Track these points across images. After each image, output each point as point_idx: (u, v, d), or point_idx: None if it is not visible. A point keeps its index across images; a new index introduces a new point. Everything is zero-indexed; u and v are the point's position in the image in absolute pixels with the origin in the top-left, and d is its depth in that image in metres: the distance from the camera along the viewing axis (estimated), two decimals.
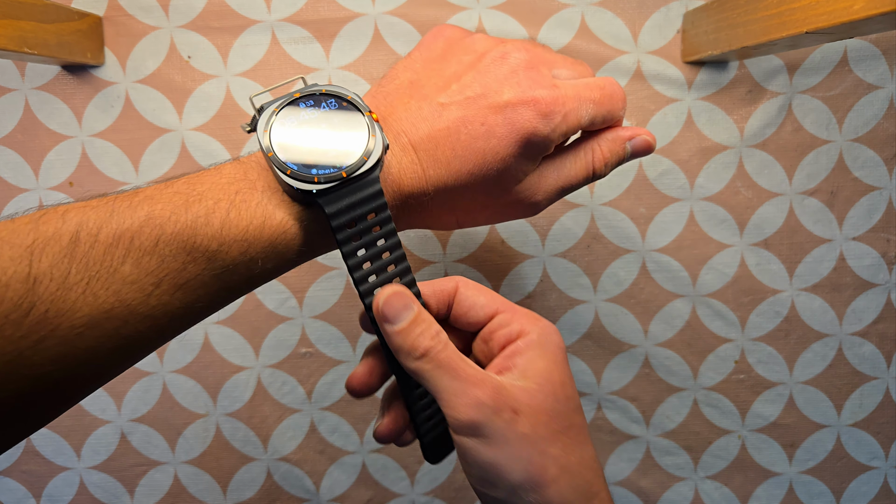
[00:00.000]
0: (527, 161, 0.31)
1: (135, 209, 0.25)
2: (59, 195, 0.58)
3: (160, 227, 0.25)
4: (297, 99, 0.29)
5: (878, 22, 0.35)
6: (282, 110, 0.29)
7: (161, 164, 0.58)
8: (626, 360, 0.60)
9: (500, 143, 0.30)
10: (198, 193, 0.27)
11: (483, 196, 0.31)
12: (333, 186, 0.27)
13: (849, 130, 0.58)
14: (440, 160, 0.29)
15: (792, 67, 0.57)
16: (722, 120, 0.58)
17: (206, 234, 0.26)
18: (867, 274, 0.59)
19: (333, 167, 0.28)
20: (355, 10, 0.57)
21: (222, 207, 0.27)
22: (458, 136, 0.30)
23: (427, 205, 0.31)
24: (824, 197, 0.58)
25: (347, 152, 0.28)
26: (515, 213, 0.34)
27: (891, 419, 0.61)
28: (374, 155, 0.28)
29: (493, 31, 0.57)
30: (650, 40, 0.57)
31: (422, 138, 0.30)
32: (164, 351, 0.60)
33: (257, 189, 0.28)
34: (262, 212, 0.27)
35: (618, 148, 0.34)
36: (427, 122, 0.30)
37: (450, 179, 0.30)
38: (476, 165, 0.29)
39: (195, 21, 0.57)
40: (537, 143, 0.30)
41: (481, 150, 0.29)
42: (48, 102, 0.58)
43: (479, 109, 0.30)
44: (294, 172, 0.27)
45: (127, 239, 0.24)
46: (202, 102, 0.57)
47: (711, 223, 0.58)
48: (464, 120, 0.30)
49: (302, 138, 0.28)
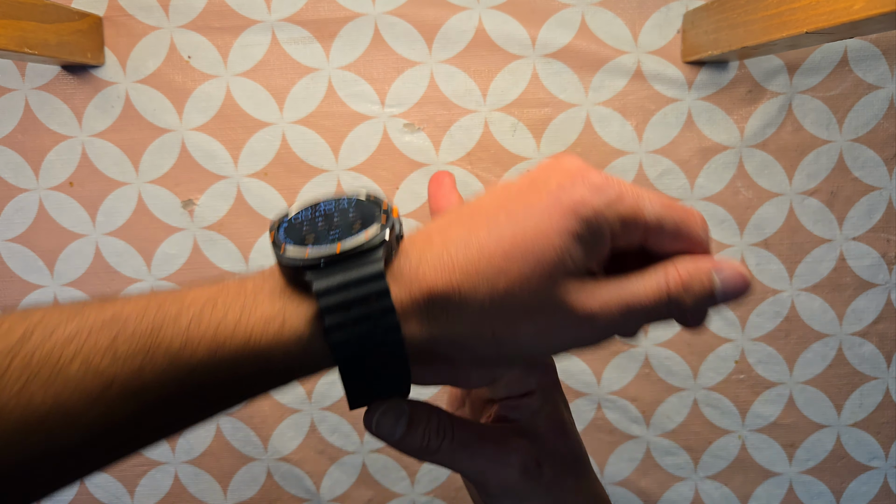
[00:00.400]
0: (577, 244, 0.25)
1: (104, 309, 0.23)
2: (59, 195, 0.58)
3: (122, 323, 0.22)
4: (318, 202, 0.27)
5: (879, 22, 0.35)
6: (299, 209, 0.27)
7: (161, 164, 0.58)
8: (626, 360, 0.60)
9: (544, 216, 0.25)
10: (179, 297, 0.24)
11: (524, 290, 0.25)
12: (326, 263, 0.24)
13: (849, 130, 0.58)
14: (473, 245, 0.25)
15: (792, 67, 0.57)
16: (722, 120, 0.58)
17: (170, 330, 0.22)
18: (867, 274, 0.59)
19: (330, 244, 0.25)
20: (355, 10, 0.57)
21: (197, 305, 0.23)
22: (496, 218, 0.26)
23: (454, 307, 0.25)
24: (824, 197, 0.58)
25: (350, 235, 0.25)
26: (566, 325, 0.26)
27: (891, 419, 0.61)
28: (380, 236, 0.25)
29: (493, 31, 0.57)
30: (650, 40, 0.57)
31: (457, 234, 0.26)
32: None
33: (247, 288, 0.24)
34: (241, 304, 0.24)
35: (701, 275, 0.27)
36: (464, 221, 0.26)
37: (482, 265, 0.25)
38: (515, 245, 0.25)
39: (195, 21, 0.57)
40: (588, 217, 0.25)
41: (522, 227, 0.25)
42: (48, 102, 0.57)
43: (520, 195, 0.26)
44: (288, 248, 0.25)
45: (82, 336, 0.22)
46: (202, 102, 0.57)
47: (712, 223, 0.58)
48: (506, 210, 0.26)
49: (309, 224, 0.26)
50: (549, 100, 0.58)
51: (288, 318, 0.24)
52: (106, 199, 0.58)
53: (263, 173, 0.58)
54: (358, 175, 0.58)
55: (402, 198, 0.58)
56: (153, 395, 0.22)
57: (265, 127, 0.58)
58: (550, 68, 0.57)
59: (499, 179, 0.58)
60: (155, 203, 0.58)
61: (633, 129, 0.58)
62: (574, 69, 0.57)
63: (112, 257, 0.59)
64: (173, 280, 0.59)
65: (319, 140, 0.58)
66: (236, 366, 0.23)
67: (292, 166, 0.58)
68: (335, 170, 0.58)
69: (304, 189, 0.58)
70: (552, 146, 0.58)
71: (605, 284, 0.26)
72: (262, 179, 0.58)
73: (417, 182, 0.58)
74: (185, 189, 0.58)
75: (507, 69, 0.57)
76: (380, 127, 0.58)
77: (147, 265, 0.59)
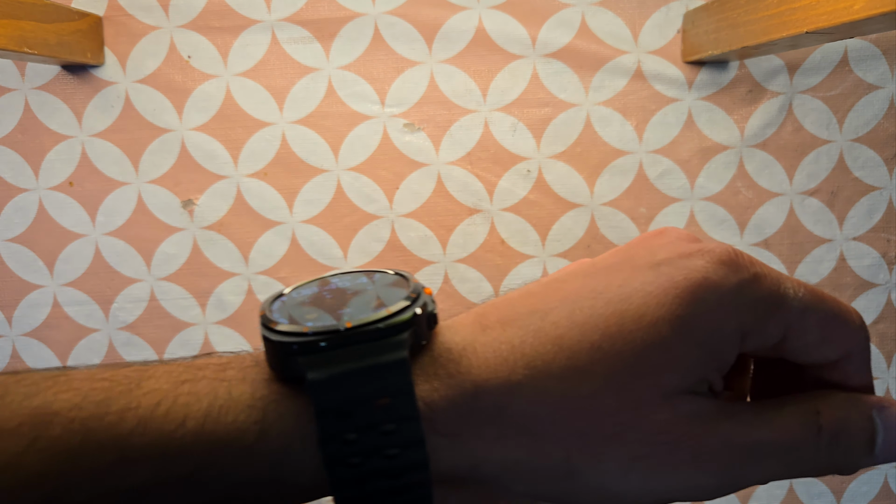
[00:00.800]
0: (694, 341, 0.18)
1: (32, 397, 0.17)
2: (59, 195, 0.58)
3: (46, 423, 0.16)
4: (328, 276, 0.21)
5: (879, 22, 0.35)
6: (304, 284, 0.21)
7: (161, 163, 0.58)
8: None
9: (649, 299, 0.18)
10: (134, 382, 0.17)
11: (617, 402, 0.18)
12: (328, 343, 0.17)
13: (849, 130, 0.58)
14: (545, 332, 0.18)
15: (792, 67, 0.57)
16: (722, 120, 0.58)
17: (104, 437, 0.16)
18: (867, 274, 0.59)
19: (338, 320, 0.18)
20: (355, 10, 0.57)
21: (152, 400, 0.17)
22: (579, 303, 0.19)
23: (512, 416, 0.18)
24: (825, 197, 0.58)
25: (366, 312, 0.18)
26: (672, 463, 0.18)
27: None
28: (406, 312, 0.18)
29: (493, 30, 0.57)
30: (650, 40, 0.57)
31: (520, 312, 0.19)
32: (164, 351, 0.60)
33: (224, 377, 0.18)
34: (208, 402, 0.17)
35: (858, 415, 0.19)
36: (535, 296, 0.20)
37: (558, 358, 0.18)
38: (605, 335, 0.18)
39: (195, 21, 0.57)
40: (712, 302, 0.18)
41: (617, 312, 0.18)
42: (48, 102, 0.57)
43: (616, 273, 0.20)
44: (282, 325, 0.18)
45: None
46: (202, 102, 0.57)
47: (712, 223, 0.58)
48: (590, 286, 0.19)
49: (314, 301, 0.20)
50: (550, 100, 0.58)
51: (268, 426, 0.17)
52: (106, 199, 0.58)
53: (263, 173, 0.58)
54: (358, 175, 0.58)
55: (402, 197, 0.58)
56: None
57: (265, 127, 0.58)
58: (550, 68, 0.57)
59: (499, 179, 0.58)
60: (155, 203, 0.58)
61: (633, 128, 0.58)
62: (574, 69, 0.57)
63: (112, 257, 0.59)
64: (173, 280, 0.59)
65: (319, 140, 0.58)
66: (187, 492, 0.17)
67: (292, 166, 0.58)
68: (335, 170, 0.58)
69: (304, 189, 0.58)
70: (552, 146, 0.58)
71: (729, 412, 0.19)
72: (262, 179, 0.58)
73: (417, 182, 0.58)
74: (185, 189, 0.58)
75: (507, 69, 0.57)
76: (380, 127, 0.58)
77: (147, 265, 0.59)
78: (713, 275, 0.18)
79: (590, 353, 0.18)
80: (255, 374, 0.18)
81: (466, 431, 0.17)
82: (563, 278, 0.20)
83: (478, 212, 0.58)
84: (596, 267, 0.20)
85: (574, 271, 0.21)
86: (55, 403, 0.17)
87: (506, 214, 0.58)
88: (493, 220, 0.58)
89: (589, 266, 0.21)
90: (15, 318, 0.60)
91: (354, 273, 0.21)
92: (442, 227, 0.59)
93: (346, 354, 0.17)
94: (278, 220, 0.58)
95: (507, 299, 0.20)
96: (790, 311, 0.19)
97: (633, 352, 0.18)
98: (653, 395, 0.18)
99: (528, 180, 0.58)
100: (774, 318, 0.19)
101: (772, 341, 0.19)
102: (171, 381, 0.18)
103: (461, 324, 0.19)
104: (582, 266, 0.21)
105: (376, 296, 0.19)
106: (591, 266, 0.20)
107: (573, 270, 0.21)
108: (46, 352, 0.60)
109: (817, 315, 0.19)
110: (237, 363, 0.19)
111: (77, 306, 0.59)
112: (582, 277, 0.20)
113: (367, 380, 0.17)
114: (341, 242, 0.59)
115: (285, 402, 0.17)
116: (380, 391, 0.17)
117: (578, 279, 0.20)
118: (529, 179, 0.58)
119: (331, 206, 0.58)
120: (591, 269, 0.20)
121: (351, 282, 0.21)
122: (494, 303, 0.20)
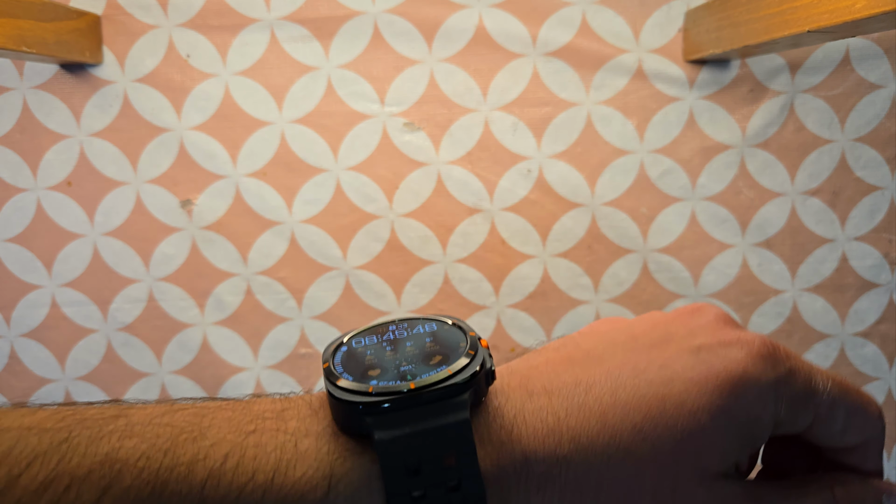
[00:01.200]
0: (731, 430, 0.19)
1: (97, 442, 0.17)
2: (57, 195, 0.58)
3: (116, 472, 0.17)
4: (386, 323, 0.22)
5: (880, 21, 0.35)
6: (363, 332, 0.22)
7: (159, 163, 0.58)
8: None
9: (690, 386, 0.19)
10: (197, 431, 0.18)
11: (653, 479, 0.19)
12: (393, 403, 0.18)
13: (851, 130, 0.58)
14: (589, 407, 0.19)
15: (794, 66, 0.57)
16: (724, 119, 0.57)
17: (178, 488, 0.17)
18: (869, 274, 0.59)
19: (401, 380, 0.19)
20: (355, 9, 0.56)
21: (219, 452, 0.18)
22: (622, 380, 0.20)
23: (557, 487, 0.19)
24: (826, 197, 0.58)
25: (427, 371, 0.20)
26: None
27: (892, 420, 0.61)
28: (466, 371, 0.19)
29: (493, 29, 0.56)
30: (652, 39, 0.57)
31: (565, 382, 0.20)
32: (163, 351, 0.60)
33: (287, 430, 0.19)
34: (276, 458, 0.18)
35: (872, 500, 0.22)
36: (578, 365, 0.21)
37: (602, 436, 0.19)
38: (647, 418, 0.19)
39: (194, 19, 0.56)
40: (751, 396, 0.20)
41: (658, 396, 0.19)
42: (46, 101, 0.57)
43: (657, 352, 0.21)
44: (344, 381, 0.19)
45: (60, 486, 0.16)
46: (201, 101, 0.57)
47: (713, 223, 0.58)
48: (633, 362, 0.21)
49: (375, 352, 0.21)
50: (550, 99, 0.57)
51: (336, 481, 0.18)
52: (104, 199, 0.58)
53: (262, 173, 0.58)
54: (357, 174, 0.58)
55: (402, 197, 0.58)
56: None
57: (264, 126, 0.57)
58: (551, 67, 0.57)
59: (499, 179, 0.58)
60: (153, 203, 0.58)
61: (634, 128, 0.58)
62: (575, 68, 0.57)
63: (110, 257, 0.59)
64: (172, 280, 0.59)
65: (319, 139, 0.58)
66: None
67: (291, 165, 0.58)
68: (334, 169, 0.58)
69: (303, 188, 0.58)
70: (553, 145, 0.58)
71: (757, 495, 0.20)
72: (261, 179, 0.58)
73: (417, 181, 0.58)
74: (184, 189, 0.58)
75: (508, 68, 0.57)
76: (379, 126, 0.58)
77: (145, 265, 0.59)
78: (752, 368, 0.20)
79: (632, 434, 0.19)
80: (316, 427, 0.19)
81: (514, 497, 0.19)
82: (603, 350, 0.21)
83: (478, 211, 0.58)
84: (637, 341, 0.22)
85: (613, 341, 0.22)
86: (121, 451, 0.17)
87: (506, 214, 0.58)
88: (494, 220, 0.58)
89: (628, 336, 0.22)
90: (13, 319, 0.59)
91: (411, 320, 0.22)
92: (442, 227, 0.58)
93: (412, 415, 0.18)
94: (277, 219, 0.58)
95: (548, 362, 0.21)
96: (820, 403, 0.20)
97: (673, 437, 0.19)
98: (690, 477, 0.19)
99: (528, 180, 0.58)
100: (806, 409, 0.20)
101: (800, 429, 0.21)
102: (235, 430, 0.18)
103: (509, 387, 0.20)
104: (618, 331, 0.22)
105: (436, 349, 0.20)
106: (631, 337, 0.22)
107: (612, 340, 0.22)
108: (44, 352, 0.60)
109: (844, 407, 0.21)
110: (295, 412, 0.19)
111: (75, 307, 0.59)
112: (623, 352, 0.21)
113: (432, 440, 0.18)
114: (341, 242, 0.58)
115: (351, 457, 0.18)
116: (445, 450, 0.18)
117: (619, 353, 0.21)
118: (530, 179, 0.58)
119: (330, 206, 0.58)
120: (632, 343, 0.21)
121: (408, 331, 0.22)
122: (536, 365, 0.21)
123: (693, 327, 0.22)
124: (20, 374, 0.60)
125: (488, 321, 0.59)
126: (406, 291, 0.59)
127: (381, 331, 0.22)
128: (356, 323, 0.59)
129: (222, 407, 0.19)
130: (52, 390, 0.60)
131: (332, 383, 0.19)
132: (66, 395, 0.60)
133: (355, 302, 0.59)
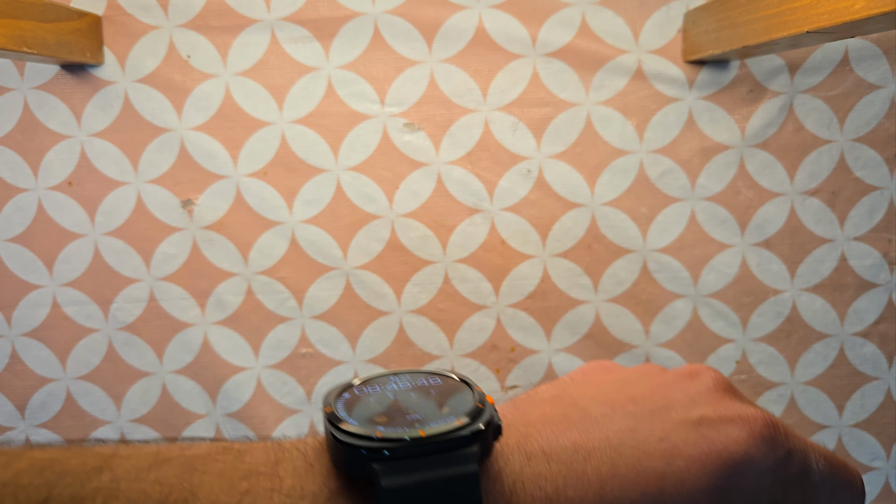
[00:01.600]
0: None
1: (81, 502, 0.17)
2: (58, 195, 0.58)
3: None
4: (388, 374, 0.22)
5: (879, 21, 0.35)
6: (367, 381, 0.22)
7: (160, 163, 0.58)
8: (628, 361, 0.60)
9: (690, 468, 0.19)
10: (188, 485, 0.17)
11: None
12: (401, 450, 0.18)
13: (850, 130, 0.58)
14: (588, 478, 0.19)
15: (793, 67, 0.57)
16: (723, 119, 0.57)
17: None
18: (868, 274, 0.59)
19: (409, 427, 0.19)
20: (355, 9, 0.56)
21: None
22: (622, 450, 0.20)
23: None
24: (826, 197, 0.58)
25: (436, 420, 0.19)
26: None
27: (892, 420, 0.61)
28: (477, 423, 0.19)
29: (493, 30, 0.57)
30: (651, 39, 0.57)
31: (563, 447, 0.20)
32: (164, 351, 0.60)
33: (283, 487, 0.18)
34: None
35: None
36: (576, 427, 0.21)
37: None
38: (645, 495, 0.19)
39: (194, 20, 0.57)
40: (750, 479, 0.20)
41: (658, 472, 0.19)
42: (47, 102, 0.57)
43: (658, 421, 0.21)
44: (351, 426, 0.19)
45: None
46: (201, 102, 0.57)
47: (713, 223, 0.58)
48: (633, 431, 0.20)
49: (378, 400, 0.21)
50: (550, 99, 0.57)
51: None
52: (105, 199, 0.58)
53: (263, 173, 0.58)
54: (358, 174, 0.58)
55: (402, 197, 0.58)
56: None
57: (264, 126, 0.58)
58: (551, 67, 0.57)
59: (499, 179, 0.58)
60: (154, 203, 0.58)
61: (633, 128, 0.58)
62: (574, 68, 0.57)
63: (111, 257, 0.59)
64: (172, 280, 0.59)
65: (319, 139, 0.58)
66: None
67: (292, 166, 0.58)
68: (335, 169, 0.58)
69: (303, 188, 0.58)
70: (553, 146, 0.58)
71: None
72: (262, 179, 0.58)
73: (417, 182, 0.58)
74: (185, 189, 0.58)
75: (508, 68, 0.57)
76: (379, 126, 0.58)
77: (146, 265, 0.59)
78: (754, 451, 0.20)
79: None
80: (313, 484, 0.18)
81: None
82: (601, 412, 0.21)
83: (478, 211, 0.58)
84: (636, 405, 0.21)
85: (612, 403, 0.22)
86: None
87: (506, 214, 0.58)
88: (494, 220, 0.58)
89: (626, 398, 0.22)
90: (14, 319, 0.60)
91: (415, 374, 0.22)
92: (442, 227, 0.59)
93: (421, 464, 0.18)
94: (278, 219, 0.58)
95: (545, 419, 0.21)
96: (812, 483, 0.21)
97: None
98: None
99: (528, 180, 0.58)
100: (799, 489, 0.21)
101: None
102: (227, 489, 0.17)
103: (507, 446, 0.20)
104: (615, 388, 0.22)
105: (443, 401, 0.20)
106: (630, 399, 0.22)
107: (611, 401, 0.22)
108: (45, 352, 0.60)
109: (832, 485, 0.22)
110: (290, 465, 0.19)
111: (76, 306, 0.59)
112: (622, 417, 0.21)
113: (440, 490, 0.17)
114: (341, 242, 0.59)
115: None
116: (452, 502, 0.18)
117: (618, 418, 0.21)
118: (530, 179, 0.58)
119: (330, 206, 0.58)
120: (631, 406, 0.21)
121: (412, 382, 0.22)
122: (533, 422, 0.21)
123: (692, 394, 0.22)
124: (21, 374, 0.60)
125: (488, 321, 0.59)
126: (406, 291, 0.59)
127: (383, 382, 0.22)
128: (356, 323, 0.59)
129: (213, 457, 0.18)
130: (53, 390, 0.60)
131: (336, 426, 0.19)
132: (67, 395, 0.60)
133: (356, 302, 0.59)
